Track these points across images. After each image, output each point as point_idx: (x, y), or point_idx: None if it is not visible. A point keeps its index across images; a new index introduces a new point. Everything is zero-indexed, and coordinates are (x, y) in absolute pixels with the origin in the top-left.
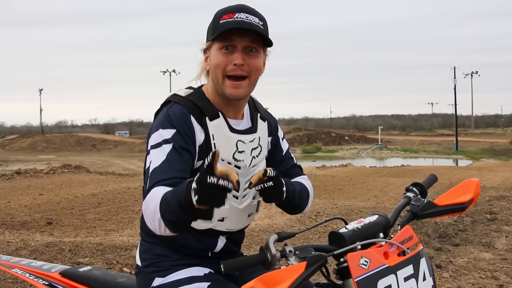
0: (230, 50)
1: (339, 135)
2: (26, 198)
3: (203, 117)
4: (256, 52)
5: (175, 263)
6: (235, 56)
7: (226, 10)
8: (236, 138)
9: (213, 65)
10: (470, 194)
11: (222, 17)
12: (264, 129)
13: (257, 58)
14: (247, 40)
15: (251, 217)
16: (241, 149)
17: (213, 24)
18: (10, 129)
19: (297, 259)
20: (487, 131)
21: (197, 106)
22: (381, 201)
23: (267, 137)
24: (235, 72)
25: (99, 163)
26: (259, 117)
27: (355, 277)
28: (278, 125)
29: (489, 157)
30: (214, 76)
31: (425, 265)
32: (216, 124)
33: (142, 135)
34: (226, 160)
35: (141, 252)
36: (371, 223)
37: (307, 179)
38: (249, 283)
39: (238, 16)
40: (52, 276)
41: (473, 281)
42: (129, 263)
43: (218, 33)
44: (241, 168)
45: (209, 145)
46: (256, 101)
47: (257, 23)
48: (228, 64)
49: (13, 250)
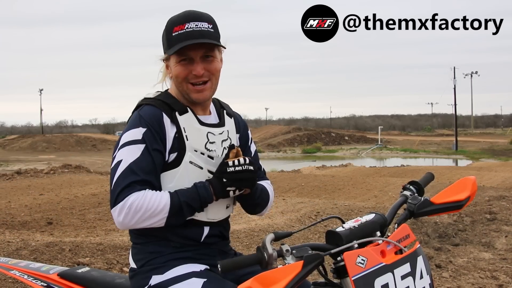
0: (188, 61)
1: (339, 135)
2: (27, 198)
3: (173, 112)
4: (212, 57)
5: (169, 258)
6: (194, 67)
7: (176, 20)
8: (206, 130)
9: (175, 76)
10: (467, 192)
11: (174, 29)
12: (232, 124)
13: (214, 62)
14: (202, 51)
15: (229, 208)
16: (212, 140)
17: (166, 36)
18: (10, 129)
19: (294, 258)
20: (487, 131)
21: (166, 103)
22: (381, 201)
23: (235, 132)
24: (196, 80)
25: (100, 163)
26: (225, 113)
27: (352, 276)
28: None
29: (489, 157)
30: (178, 84)
31: (422, 263)
32: (185, 118)
33: None
34: (199, 150)
35: (134, 254)
36: (368, 222)
37: (270, 184)
38: (245, 283)
39: (188, 26)
40: (50, 278)
41: (473, 281)
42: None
43: (173, 51)
44: (214, 158)
45: (181, 137)
46: (221, 101)
47: (207, 29)
48: (188, 74)
49: (14, 250)
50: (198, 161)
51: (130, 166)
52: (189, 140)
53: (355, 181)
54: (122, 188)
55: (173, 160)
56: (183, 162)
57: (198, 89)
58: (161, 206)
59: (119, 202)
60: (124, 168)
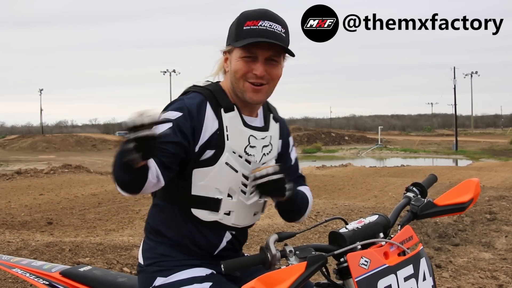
0: (252, 59)
1: (339, 135)
2: (27, 198)
3: (219, 108)
4: (276, 62)
5: (177, 263)
6: (257, 66)
7: (251, 15)
8: (249, 133)
9: (234, 70)
10: (470, 194)
11: (246, 23)
12: (276, 129)
13: (277, 67)
14: (269, 53)
15: (256, 216)
16: (252, 144)
17: (236, 29)
18: (10, 129)
19: (297, 259)
20: (487, 131)
21: (214, 96)
22: (381, 201)
23: (278, 138)
24: (255, 80)
25: (100, 163)
26: (271, 117)
27: (355, 277)
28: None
29: (489, 157)
30: (234, 80)
31: (425, 265)
32: (230, 116)
33: None
34: (237, 153)
35: (143, 250)
36: (371, 223)
37: (309, 190)
38: (249, 283)
39: (262, 24)
40: (52, 276)
41: (473, 281)
42: (129, 263)
43: (241, 44)
44: (251, 163)
45: (222, 135)
46: (270, 104)
47: (280, 32)
48: (249, 72)
49: (14, 250)
50: (234, 163)
51: None
52: (229, 140)
53: (355, 181)
54: None
55: (208, 158)
56: (219, 162)
57: (255, 88)
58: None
59: None
60: None
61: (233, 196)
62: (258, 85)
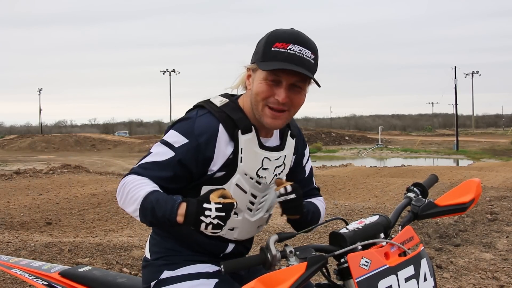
0: (275, 83)
1: (339, 135)
2: (26, 198)
3: (236, 130)
4: (301, 88)
5: (185, 258)
6: (280, 91)
7: (281, 36)
8: (263, 155)
9: (255, 92)
10: (471, 194)
11: (275, 44)
12: (292, 147)
13: (300, 94)
14: (294, 79)
15: (260, 228)
16: (265, 166)
17: (264, 48)
18: (9, 129)
19: (298, 259)
20: (488, 131)
21: (231, 118)
22: (382, 201)
23: (292, 155)
24: (276, 106)
25: (99, 163)
26: (289, 134)
27: (356, 278)
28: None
29: (490, 157)
30: (254, 102)
31: (426, 265)
32: (247, 139)
33: (142, 135)
34: (249, 175)
35: (151, 245)
36: (371, 224)
37: (323, 201)
38: (249, 284)
39: (292, 48)
40: (51, 276)
41: (474, 281)
42: (129, 263)
43: (267, 68)
44: (261, 184)
45: (235, 158)
46: None
47: (309, 58)
48: (270, 96)
49: (13, 251)
50: (244, 184)
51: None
52: (242, 163)
53: (356, 181)
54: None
55: (219, 177)
56: (229, 182)
57: (274, 114)
58: (139, 195)
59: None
60: (147, 162)
61: (238, 214)
62: (279, 112)
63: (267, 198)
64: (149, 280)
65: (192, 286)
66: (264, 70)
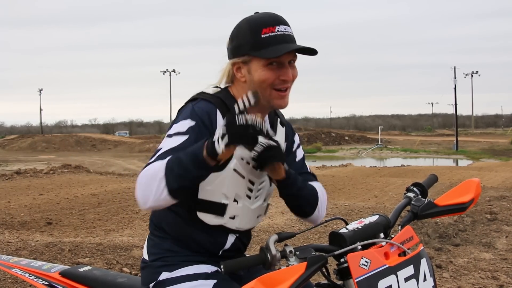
0: (276, 66)
1: (339, 135)
2: (26, 198)
3: None
4: (294, 62)
5: (183, 259)
6: (284, 72)
7: (264, 22)
8: None
9: (259, 81)
10: (471, 194)
11: (263, 31)
12: (282, 134)
13: (296, 68)
14: (291, 56)
15: (259, 218)
16: None
17: (253, 38)
18: (10, 129)
19: (298, 259)
20: (487, 131)
21: (224, 103)
22: (381, 201)
23: (283, 142)
24: (282, 86)
25: (99, 163)
26: (279, 122)
27: (356, 278)
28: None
29: (489, 157)
30: (260, 89)
31: (426, 265)
32: None
33: (142, 135)
34: (245, 159)
35: (149, 246)
36: (371, 223)
37: (321, 186)
38: (249, 284)
39: (279, 29)
40: (52, 276)
41: (473, 281)
42: (129, 263)
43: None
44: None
45: None
46: None
47: (292, 34)
48: (276, 79)
49: (13, 250)
50: (242, 170)
51: (166, 152)
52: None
53: (355, 181)
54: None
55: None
56: (227, 168)
57: (281, 95)
58: (159, 166)
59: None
60: (160, 154)
61: (238, 201)
62: (284, 91)
63: (264, 186)
64: (147, 282)
65: (191, 287)
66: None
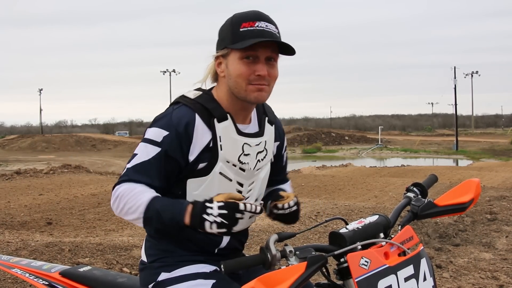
0: (252, 60)
1: (339, 135)
2: (26, 198)
3: (212, 119)
4: (274, 61)
5: (181, 259)
6: (259, 67)
7: (245, 17)
8: (243, 141)
9: (235, 75)
10: (471, 194)
11: (242, 25)
12: (271, 133)
13: (275, 68)
14: (269, 51)
15: (252, 218)
16: (246, 152)
17: (232, 31)
18: (10, 129)
19: (298, 259)
20: (487, 131)
21: (206, 108)
22: (381, 201)
23: (273, 141)
24: (258, 82)
25: (99, 163)
26: (267, 120)
27: (356, 277)
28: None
29: (489, 157)
30: (235, 85)
31: (426, 265)
32: (224, 126)
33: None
34: (231, 162)
35: (147, 248)
36: (371, 223)
37: (290, 185)
38: (249, 283)
39: (259, 24)
40: (52, 276)
41: (473, 281)
42: (129, 263)
43: (242, 45)
44: (246, 171)
45: (215, 146)
46: (265, 105)
47: (275, 32)
48: (251, 74)
49: (13, 250)
50: (228, 172)
51: (140, 165)
52: (223, 150)
53: (355, 181)
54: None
55: (202, 168)
56: (213, 172)
57: (259, 87)
58: (139, 204)
59: (114, 188)
60: (135, 164)
61: None
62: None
63: (254, 186)
64: (146, 283)
65: (190, 286)
66: (241, 48)
